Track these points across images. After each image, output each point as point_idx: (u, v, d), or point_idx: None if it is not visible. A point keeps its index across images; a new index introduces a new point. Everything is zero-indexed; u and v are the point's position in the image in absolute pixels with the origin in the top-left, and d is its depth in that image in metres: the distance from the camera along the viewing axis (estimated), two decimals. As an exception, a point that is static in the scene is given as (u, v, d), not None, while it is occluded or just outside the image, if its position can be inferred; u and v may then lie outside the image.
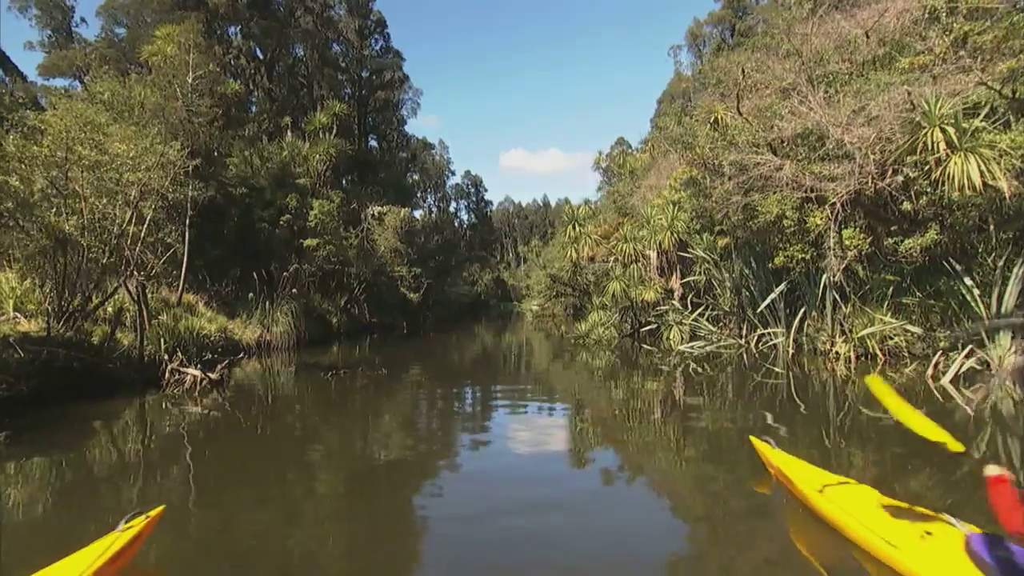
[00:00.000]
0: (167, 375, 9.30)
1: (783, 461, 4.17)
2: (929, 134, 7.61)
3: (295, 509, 4.52)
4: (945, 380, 7.92)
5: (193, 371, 9.20)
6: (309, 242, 20.00)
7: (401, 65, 38.52)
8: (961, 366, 7.94)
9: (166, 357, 10.14)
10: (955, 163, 7.26)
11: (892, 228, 10.26)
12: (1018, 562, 2.19)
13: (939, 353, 8.44)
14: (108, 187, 8.59)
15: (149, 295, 12.63)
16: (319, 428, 7.81)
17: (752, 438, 4.76)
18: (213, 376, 9.23)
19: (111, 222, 8.84)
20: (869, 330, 9.75)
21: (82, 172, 8.33)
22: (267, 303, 17.13)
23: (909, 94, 7.78)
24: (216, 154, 18.66)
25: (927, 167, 7.95)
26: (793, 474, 3.97)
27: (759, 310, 12.77)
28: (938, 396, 7.50)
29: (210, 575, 3.50)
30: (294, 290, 18.46)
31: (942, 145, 7.45)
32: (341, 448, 6.75)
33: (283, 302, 17.49)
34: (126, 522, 3.35)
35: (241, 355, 12.53)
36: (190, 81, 14.58)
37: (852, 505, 3.39)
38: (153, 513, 3.52)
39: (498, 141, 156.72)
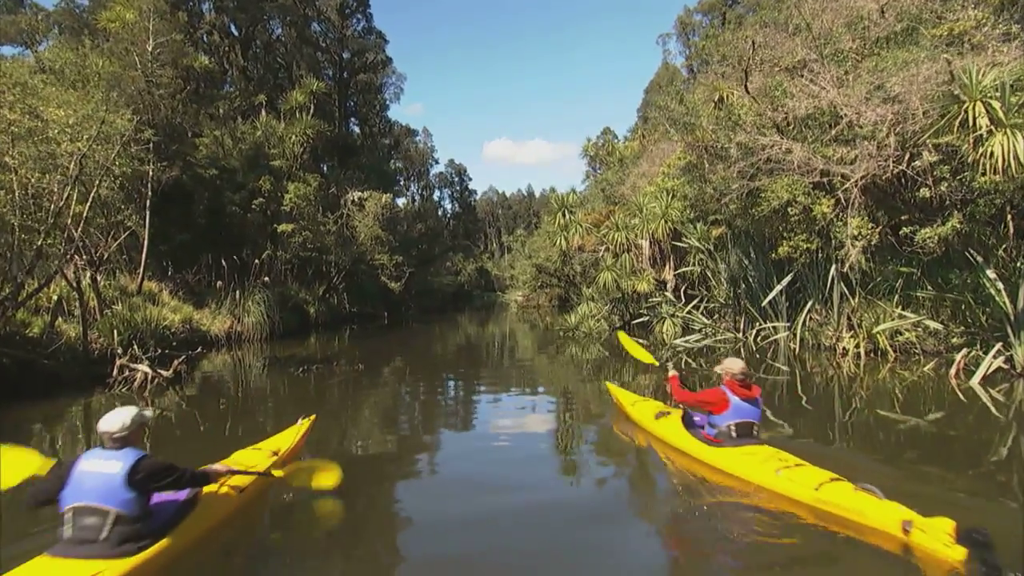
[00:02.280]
0: (115, 372, 8.30)
1: (616, 391, 6.72)
2: (969, 108, 6.91)
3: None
4: (974, 381, 7.33)
5: (143, 367, 8.21)
6: (284, 227, 18.93)
7: (384, 47, 37.31)
8: (989, 366, 7.34)
9: (119, 351, 9.17)
10: (999, 141, 6.59)
11: (903, 217, 9.66)
12: (692, 420, 5.03)
13: (962, 351, 7.83)
14: (42, 159, 7.48)
15: (104, 283, 11.57)
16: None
17: (606, 382, 7.27)
18: (166, 373, 8.26)
19: (47, 199, 7.76)
20: (885, 325, 9.12)
21: (12, 140, 7.23)
22: (238, 292, 16.09)
23: (949, 63, 7.03)
24: (188, 134, 17.44)
25: (961, 147, 7.26)
26: (620, 396, 6.53)
27: (763, 303, 12.14)
28: (962, 396, 6.95)
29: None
30: (267, 278, 17.40)
31: (984, 121, 6.74)
32: (318, 450, 5.98)
33: (255, 291, 16.43)
34: (301, 419, 5.05)
35: (200, 348, 11.49)
36: (150, 49, 13.36)
37: (643, 410, 5.91)
38: (312, 416, 5.23)
39: (483, 130, 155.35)
